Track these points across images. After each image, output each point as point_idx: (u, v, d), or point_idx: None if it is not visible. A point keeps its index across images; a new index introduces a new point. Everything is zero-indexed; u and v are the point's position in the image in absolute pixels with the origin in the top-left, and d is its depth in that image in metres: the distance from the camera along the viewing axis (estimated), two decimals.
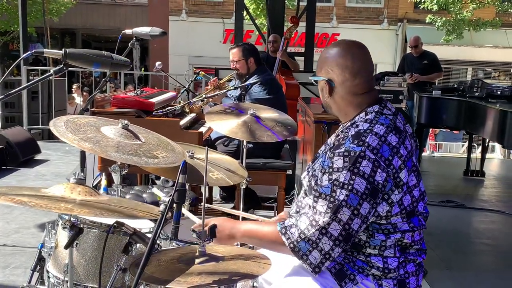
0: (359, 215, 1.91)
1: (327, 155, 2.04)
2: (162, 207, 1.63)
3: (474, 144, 9.05)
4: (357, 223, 1.93)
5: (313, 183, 2.07)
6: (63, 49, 1.90)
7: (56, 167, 7.17)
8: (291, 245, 1.96)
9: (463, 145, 14.24)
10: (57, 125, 2.12)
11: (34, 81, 1.97)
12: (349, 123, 2.08)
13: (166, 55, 18.10)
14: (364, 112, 2.07)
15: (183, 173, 1.69)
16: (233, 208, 4.83)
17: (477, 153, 8.51)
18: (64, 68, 1.89)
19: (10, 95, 1.88)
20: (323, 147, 2.26)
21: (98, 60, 2.01)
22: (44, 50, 1.91)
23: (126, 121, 2.28)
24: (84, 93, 14.10)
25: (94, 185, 4.17)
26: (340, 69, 2.07)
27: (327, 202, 1.93)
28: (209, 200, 5.18)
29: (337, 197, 1.91)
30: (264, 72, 4.68)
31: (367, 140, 1.93)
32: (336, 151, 1.97)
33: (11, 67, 2.18)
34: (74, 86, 13.68)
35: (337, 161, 1.94)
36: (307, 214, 1.98)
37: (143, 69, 17.35)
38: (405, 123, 2.11)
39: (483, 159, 7.83)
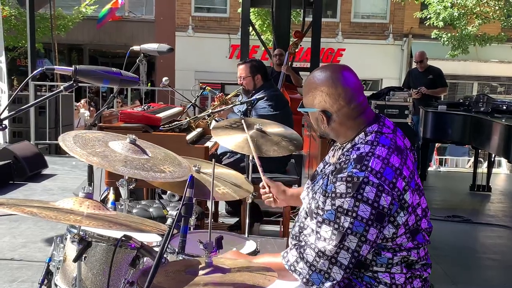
0: (367, 242, 1.90)
1: (329, 179, 2.03)
2: (169, 221, 1.65)
3: (480, 159, 9.05)
4: (366, 249, 1.93)
5: (313, 206, 2.07)
6: (73, 65, 1.94)
7: (63, 181, 7.21)
8: (304, 280, 1.96)
9: (469, 160, 14.23)
10: (66, 140, 2.15)
11: (44, 97, 2.00)
12: (349, 145, 2.06)
13: (173, 70, 18.21)
14: (363, 133, 2.05)
15: (190, 187, 1.71)
16: (238, 222, 4.85)
17: (483, 168, 8.50)
18: (74, 84, 1.93)
19: (21, 111, 1.92)
20: (321, 165, 2.25)
21: (107, 77, 2.04)
22: (55, 67, 1.95)
23: (133, 136, 2.31)
24: (92, 108, 14.20)
25: (101, 199, 4.19)
26: (333, 98, 2.04)
27: (332, 229, 1.92)
28: (215, 214, 5.20)
29: (341, 224, 1.90)
30: (271, 88, 4.70)
31: (370, 164, 1.92)
32: (339, 175, 1.95)
33: (22, 84, 2.22)
34: (82, 101, 13.78)
35: (339, 186, 1.93)
36: (310, 245, 1.97)
37: (149, 84, 17.47)
38: (404, 137, 2.11)
39: (489, 174, 7.82)
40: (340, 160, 2.03)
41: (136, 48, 3.44)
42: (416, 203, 2.01)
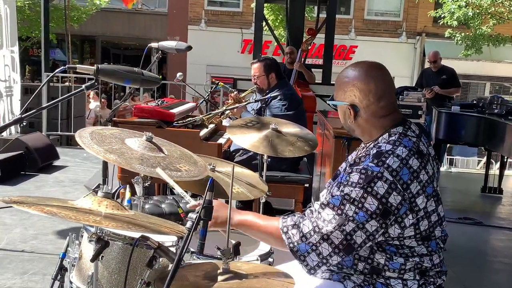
0: (363, 229, 1.89)
1: (346, 171, 2.05)
2: (189, 223, 1.64)
3: (492, 160, 8.99)
4: (360, 236, 1.90)
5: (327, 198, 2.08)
6: (95, 65, 1.93)
7: (74, 173, 7.24)
8: (291, 245, 1.96)
9: (479, 160, 14.13)
10: (82, 137, 2.15)
11: (67, 95, 2.01)
12: (372, 144, 2.06)
13: (184, 64, 18.21)
14: (387, 133, 2.05)
15: (210, 190, 1.70)
16: None
17: (495, 170, 8.45)
18: (96, 84, 1.93)
19: (42, 109, 1.91)
20: (343, 165, 2.24)
21: (129, 77, 2.03)
22: (77, 66, 1.95)
23: (150, 134, 2.30)
24: (103, 100, 14.21)
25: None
26: (363, 94, 2.04)
27: (334, 213, 1.91)
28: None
29: (345, 211, 1.90)
30: (285, 87, 4.68)
31: (387, 161, 1.92)
32: (355, 167, 1.96)
33: (46, 80, 2.22)
34: (92, 93, 13.79)
35: (353, 176, 1.93)
36: (310, 218, 1.97)
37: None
38: (429, 145, 2.09)
39: (501, 176, 7.77)
40: (360, 155, 2.05)
41: (154, 45, 3.43)
42: (431, 209, 1.99)
